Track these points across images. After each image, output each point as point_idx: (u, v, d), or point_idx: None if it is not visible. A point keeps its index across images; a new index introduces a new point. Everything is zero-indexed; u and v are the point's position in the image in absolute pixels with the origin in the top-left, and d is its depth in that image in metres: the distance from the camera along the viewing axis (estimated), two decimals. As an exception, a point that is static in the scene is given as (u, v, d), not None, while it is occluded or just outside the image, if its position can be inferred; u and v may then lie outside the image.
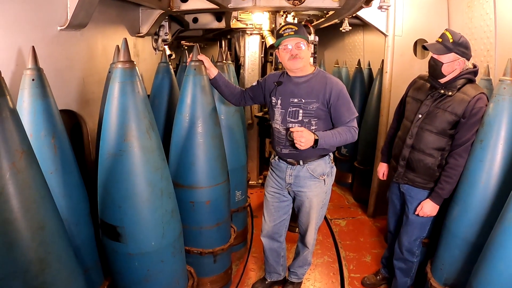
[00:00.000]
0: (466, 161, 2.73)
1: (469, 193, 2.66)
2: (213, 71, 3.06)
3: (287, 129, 2.86)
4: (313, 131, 2.78)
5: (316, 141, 2.69)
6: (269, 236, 3.37)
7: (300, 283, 3.64)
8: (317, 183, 3.02)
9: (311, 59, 3.59)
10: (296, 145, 2.69)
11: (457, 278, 2.73)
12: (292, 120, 2.89)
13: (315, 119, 2.86)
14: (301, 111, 2.86)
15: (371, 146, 5.09)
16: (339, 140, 2.78)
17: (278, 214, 3.27)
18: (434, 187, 2.92)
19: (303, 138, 2.64)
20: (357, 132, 2.85)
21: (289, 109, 2.89)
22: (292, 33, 2.73)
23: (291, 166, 3.03)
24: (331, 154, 3.07)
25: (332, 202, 5.75)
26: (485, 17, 3.55)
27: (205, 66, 2.95)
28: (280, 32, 2.80)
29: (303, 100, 2.85)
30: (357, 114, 2.89)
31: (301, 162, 2.98)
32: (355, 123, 2.86)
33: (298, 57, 2.77)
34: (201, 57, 2.95)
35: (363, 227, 4.96)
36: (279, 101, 2.96)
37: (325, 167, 3.01)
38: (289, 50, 2.78)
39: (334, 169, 3.14)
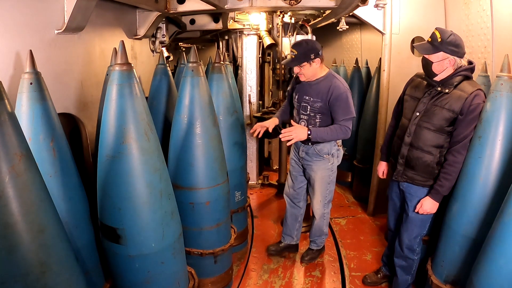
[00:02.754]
0: (465, 158, 2.73)
1: (468, 189, 2.66)
2: (276, 121, 3.74)
3: (280, 128, 3.74)
4: (317, 124, 3.53)
5: (309, 134, 3.34)
6: (290, 196, 4.05)
7: (319, 250, 4.14)
8: (321, 160, 3.64)
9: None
10: (283, 139, 3.38)
11: (458, 275, 2.74)
12: (303, 112, 3.60)
13: (319, 114, 3.50)
14: (309, 107, 3.53)
15: (370, 144, 5.09)
16: (330, 135, 3.39)
17: (297, 181, 3.95)
18: (434, 185, 2.92)
19: (291, 136, 3.31)
20: (349, 131, 3.40)
21: (302, 104, 3.59)
22: (293, 56, 3.37)
23: (303, 144, 3.68)
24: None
25: (332, 201, 5.74)
26: (482, 14, 3.55)
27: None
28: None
29: (311, 99, 3.50)
30: (352, 115, 3.41)
31: (309, 143, 3.60)
32: (348, 123, 3.39)
33: (301, 74, 3.46)
34: (262, 125, 3.66)
35: (363, 226, 4.96)
36: (296, 96, 3.68)
37: (330, 149, 3.61)
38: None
39: (341, 152, 3.74)
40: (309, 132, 3.34)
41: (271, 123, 3.67)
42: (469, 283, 2.35)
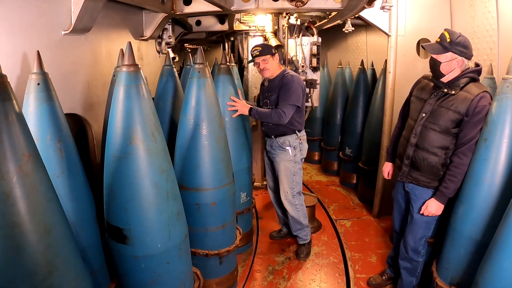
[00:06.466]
0: (471, 160, 2.72)
1: (473, 191, 2.65)
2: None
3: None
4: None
5: (250, 110, 3.73)
6: (271, 188, 4.40)
7: (306, 243, 4.29)
8: (283, 151, 3.94)
9: (311, 60, 4.96)
10: (228, 109, 3.72)
11: (463, 277, 2.72)
12: (264, 107, 3.92)
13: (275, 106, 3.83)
14: (268, 101, 3.89)
15: (375, 146, 5.08)
16: (265, 116, 3.72)
17: (270, 174, 4.32)
18: (439, 186, 2.92)
19: (235, 108, 3.72)
20: (283, 115, 3.65)
21: (264, 101, 3.95)
22: (258, 53, 3.75)
23: (268, 138, 4.04)
24: (298, 132, 3.92)
25: (337, 202, 5.76)
26: (488, 16, 3.54)
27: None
28: (251, 53, 3.86)
29: (269, 93, 3.87)
30: (291, 102, 3.68)
31: (273, 137, 3.96)
32: (285, 107, 3.66)
33: (266, 69, 3.81)
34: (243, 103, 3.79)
35: (368, 228, 4.95)
36: (261, 96, 4.07)
37: (292, 141, 3.91)
38: (258, 66, 3.85)
39: (304, 146, 4.00)
40: (250, 108, 3.75)
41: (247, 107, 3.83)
42: (474, 286, 2.34)
